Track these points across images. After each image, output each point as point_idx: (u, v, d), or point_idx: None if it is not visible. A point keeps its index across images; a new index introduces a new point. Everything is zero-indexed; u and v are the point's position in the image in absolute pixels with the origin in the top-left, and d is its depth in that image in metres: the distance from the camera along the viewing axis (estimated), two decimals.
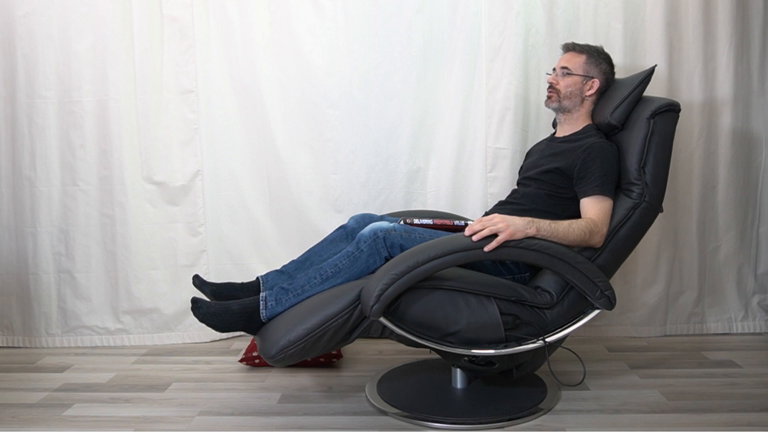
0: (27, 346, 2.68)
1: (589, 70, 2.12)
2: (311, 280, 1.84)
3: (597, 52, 2.15)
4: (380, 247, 1.83)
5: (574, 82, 2.11)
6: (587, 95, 2.12)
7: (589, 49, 2.15)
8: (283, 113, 2.62)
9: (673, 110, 1.97)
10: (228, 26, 2.59)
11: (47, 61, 2.57)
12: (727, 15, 2.53)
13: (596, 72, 2.12)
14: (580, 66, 2.12)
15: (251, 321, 1.82)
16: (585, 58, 2.13)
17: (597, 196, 1.91)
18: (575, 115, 2.14)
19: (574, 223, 1.84)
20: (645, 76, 2.05)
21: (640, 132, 1.97)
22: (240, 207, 2.68)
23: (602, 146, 1.98)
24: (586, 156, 1.96)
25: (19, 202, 2.65)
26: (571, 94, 2.11)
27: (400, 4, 2.56)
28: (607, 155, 1.96)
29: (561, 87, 2.12)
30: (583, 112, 2.14)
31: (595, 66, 2.12)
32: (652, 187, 1.93)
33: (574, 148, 2.03)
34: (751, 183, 2.65)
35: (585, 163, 1.96)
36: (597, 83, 2.11)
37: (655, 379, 2.18)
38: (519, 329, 1.81)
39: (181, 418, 1.96)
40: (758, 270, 2.69)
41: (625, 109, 2.03)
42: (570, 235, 1.81)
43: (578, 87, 2.11)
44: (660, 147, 1.95)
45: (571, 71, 2.12)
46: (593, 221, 1.87)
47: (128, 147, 2.61)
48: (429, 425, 1.88)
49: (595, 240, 1.86)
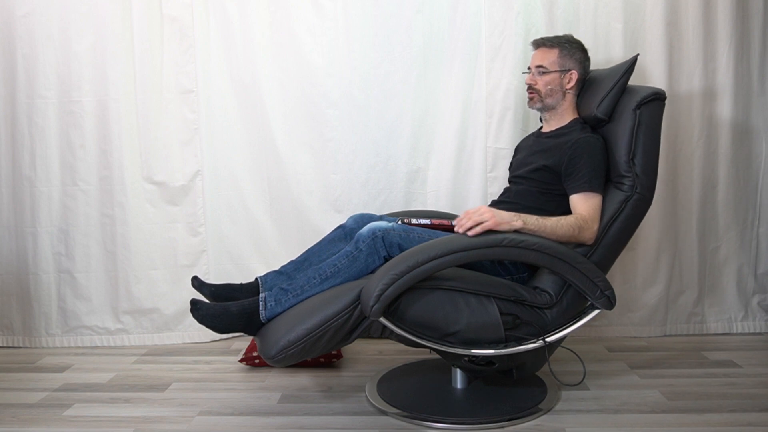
0: (27, 346, 2.68)
1: (564, 63, 2.08)
2: (310, 280, 1.84)
3: (568, 43, 2.10)
4: (379, 246, 1.83)
5: (552, 79, 2.08)
6: (568, 89, 2.09)
7: (559, 41, 2.10)
8: (283, 113, 2.62)
9: (658, 99, 1.95)
10: (228, 26, 2.59)
11: (47, 61, 2.57)
12: (727, 15, 2.53)
13: (572, 63, 2.08)
14: (554, 61, 2.08)
15: (251, 322, 1.82)
16: (558, 51, 2.08)
17: (585, 193, 1.91)
18: (560, 111, 2.11)
19: (563, 219, 1.84)
20: (628, 67, 2.02)
21: (627, 123, 1.95)
22: (240, 207, 2.68)
23: (588, 141, 1.96)
24: (572, 152, 1.95)
25: (19, 202, 2.65)
26: (551, 91, 2.08)
27: (400, 4, 2.56)
28: (594, 150, 1.95)
29: (540, 86, 2.09)
30: (566, 105, 2.11)
31: (569, 57, 2.08)
32: (643, 177, 1.92)
33: (560, 144, 2.01)
34: (751, 183, 2.65)
35: (572, 159, 1.94)
36: (575, 74, 2.08)
37: (655, 379, 2.18)
38: (519, 329, 1.81)
39: (181, 418, 1.96)
40: (758, 270, 2.69)
41: (610, 101, 2.00)
42: (558, 230, 1.81)
43: (557, 83, 2.08)
44: (648, 137, 1.94)
45: (547, 68, 2.08)
46: (582, 217, 1.87)
47: (128, 147, 2.61)
48: (429, 425, 1.88)
49: (585, 236, 1.86)
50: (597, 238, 1.88)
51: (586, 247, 1.88)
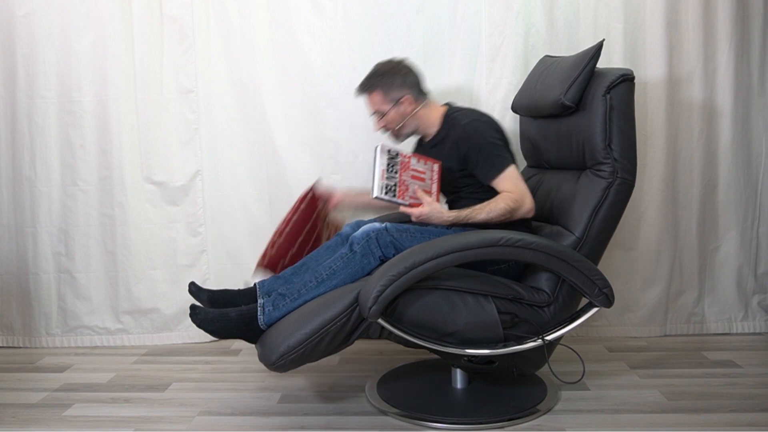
0: (27, 346, 2.68)
1: (390, 98, 2.02)
2: (307, 283, 1.84)
3: (381, 76, 2.03)
4: (373, 247, 1.83)
5: (392, 117, 2.04)
6: (411, 111, 2.04)
7: (375, 81, 2.04)
8: (283, 113, 2.62)
9: (626, 80, 1.92)
10: (228, 26, 2.59)
11: (47, 61, 2.57)
12: (727, 15, 2.53)
13: (398, 92, 2.02)
14: (381, 102, 2.03)
15: (249, 328, 1.82)
16: (379, 92, 2.03)
17: (499, 175, 1.90)
18: (423, 125, 2.08)
19: (492, 202, 1.87)
20: (594, 52, 1.98)
21: (598, 110, 1.92)
22: (240, 207, 2.68)
23: (469, 128, 1.95)
24: (464, 148, 1.94)
25: (19, 202, 2.65)
26: (403, 124, 2.06)
27: (400, 4, 2.56)
28: (479, 132, 1.94)
29: (389, 126, 2.07)
30: (425, 117, 2.06)
31: (393, 89, 2.02)
32: (622, 161, 1.90)
33: (448, 146, 1.99)
34: (751, 183, 2.65)
35: (467, 154, 1.94)
36: (408, 97, 2.02)
37: (655, 379, 2.18)
38: (517, 328, 1.81)
39: (181, 418, 1.96)
40: (758, 270, 2.69)
41: (578, 88, 1.96)
42: (492, 213, 1.85)
43: (399, 115, 2.04)
44: (622, 119, 1.91)
45: (381, 111, 2.05)
46: (510, 197, 1.87)
47: (128, 147, 2.61)
48: (429, 425, 1.88)
49: (523, 210, 1.88)
50: (583, 230, 1.88)
51: (575, 240, 1.88)
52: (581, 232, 1.89)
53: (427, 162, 1.94)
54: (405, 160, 1.91)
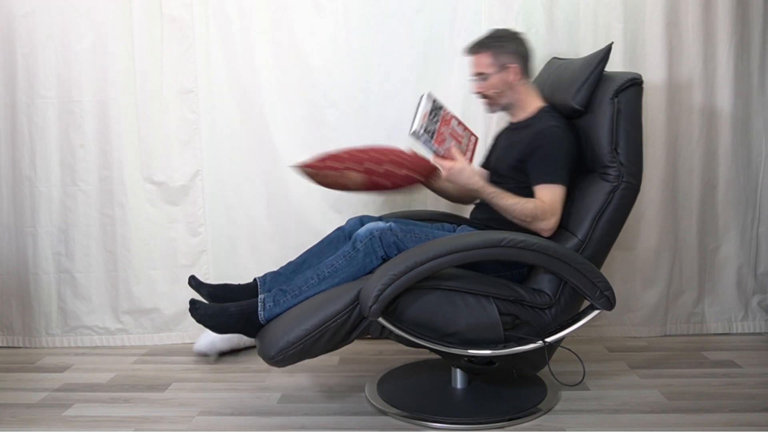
0: (27, 346, 2.68)
1: (499, 61, 2.00)
2: (308, 280, 1.84)
3: (496, 39, 2.02)
4: (376, 246, 1.83)
5: (494, 81, 2.01)
6: (514, 83, 2.02)
7: (487, 42, 2.02)
8: (283, 113, 2.62)
9: (635, 84, 1.92)
10: (228, 26, 2.59)
11: (47, 61, 2.57)
12: (727, 15, 2.53)
13: (507, 58, 2.00)
14: (489, 64, 2.01)
15: (249, 323, 1.82)
16: (489, 53, 2.01)
17: (547, 184, 1.89)
18: (519, 104, 2.06)
19: (521, 203, 1.86)
20: (603, 55, 1.98)
21: (605, 113, 1.92)
22: (240, 207, 2.68)
23: (551, 130, 1.93)
24: (535, 143, 1.92)
25: (19, 202, 2.65)
26: (501, 92, 2.03)
27: (400, 4, 2.56)
28: (556, 139, 1.92)
29: (488, 90, 2.05)
30: (523, 96, 2.05)
31: (503, 53, 2.00)
32: (628, 165, 1.90)
33: (525, 136, 1.99)
34: (751, 183, 2.65)
35: (534, 150, 1.92)
36: (515, 67, 2.00)
37: (655, 379, 2.18)
38: (518, 329, 1.81)
39: (181, 418, 1.96)
40: (758, 270, 2.69)
41: (586, 91, 1.96)
42: (512, 211, 1.85)
43: (502, 82, 2.01)
44: (629, 124, 1.91)
45: (485, 73, 2.03)
46: (542, 207, 1.85)
47: (128, 147, 2.61)
48: (429, 425, 1.88)
49: (541, 227, 1.86)
50: (586, 233, 1.88)
51: (577, 243, 1.88)
52: (584, 235, 1.89)
53: (466, 129, 1.94)
54: (447, 117, 1.91)
